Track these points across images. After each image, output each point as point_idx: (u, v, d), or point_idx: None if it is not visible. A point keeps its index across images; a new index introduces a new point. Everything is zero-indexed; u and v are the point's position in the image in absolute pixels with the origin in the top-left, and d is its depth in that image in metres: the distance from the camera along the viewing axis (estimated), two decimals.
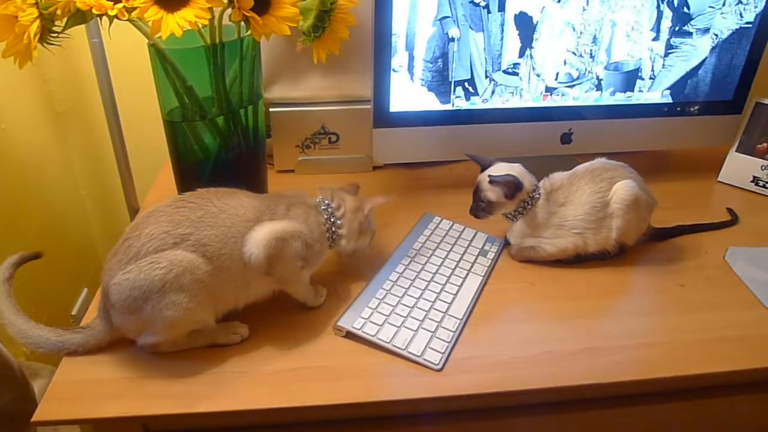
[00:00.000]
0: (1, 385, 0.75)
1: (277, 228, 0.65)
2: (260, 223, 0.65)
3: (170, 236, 0.61)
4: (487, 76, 0.91)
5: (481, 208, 0.80)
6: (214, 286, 0.62)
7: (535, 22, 0.89)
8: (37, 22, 0.63)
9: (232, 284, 0.64)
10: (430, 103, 0.92)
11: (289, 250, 0.66)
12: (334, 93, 1.00)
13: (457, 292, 0.75)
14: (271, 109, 0.99)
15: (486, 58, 0.90)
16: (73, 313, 1.18)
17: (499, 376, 0.64)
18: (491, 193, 0.78)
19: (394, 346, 0.66)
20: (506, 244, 0.85)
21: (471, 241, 0.85)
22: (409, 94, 0.90)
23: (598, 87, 0.95)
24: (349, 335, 0.68)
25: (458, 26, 0.87)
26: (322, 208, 0.72)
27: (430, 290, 0.75)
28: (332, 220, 0.72)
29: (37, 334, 0.64)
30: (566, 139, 0.98)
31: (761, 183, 1.00)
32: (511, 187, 0.77)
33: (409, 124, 0.92)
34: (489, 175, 0.77)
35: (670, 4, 0.90)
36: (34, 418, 0.58)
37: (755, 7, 0.92)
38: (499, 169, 0.79)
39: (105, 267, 0.62)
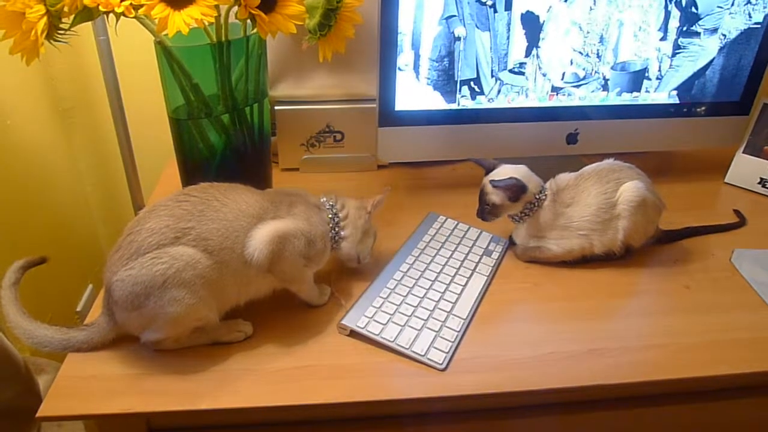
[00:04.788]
0: (6, 380, 0.76)
1: (279, 227, 0.65)
2: (262, 221, 0.65)
3: (171, 230, 0.61)
4: (493, 76, 0.91)
5: (487, 211, 0.79)
6: (216, 282, 0.62)
7: (541, 21, 0.88)
8: (45, 19, 0.63)
9: (233, 280, 0.64)
10: (435, 102, 0.92)
11: (291, 248, 0.66)
12: (339, 91, 1.00)
13: (462, 291, 0.75)
14: (276, 108, 0.99)
15: (492, 58, 0.90)
16: (78, 309, 1.19)
17: (502, 377, 0.64)
18: (495, 197, 0.78)
19: (398, 345, 0.66)
20: (511, 243, 0.85)
21: (475, 240, 0.85)
22: (414, 93, 0.90)
23: (605, 87, 0.95)
24: (353, 334, 0.68)
25: (464, 25, 0.86)
26: (327, 207, 0.73)
27: (435, 290, 0.75)
28: (336, 220, 0.72)
29: (42, 334, 0.64)
30: (572, 139, 0.98)
31: None
32: (515, 190, 0.77)
33: (414, 123, 0.92)
34: (491, 180, 0.77)
35: (678, 4, 0.90)
36: (38, 414, 0.58)
37: (764, 7, 0.92)
38: (503, 172, 0.79)
39: (107, 263, 0.63)
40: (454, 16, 0.86)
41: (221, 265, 0.62)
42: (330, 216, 0.72)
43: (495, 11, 0.86)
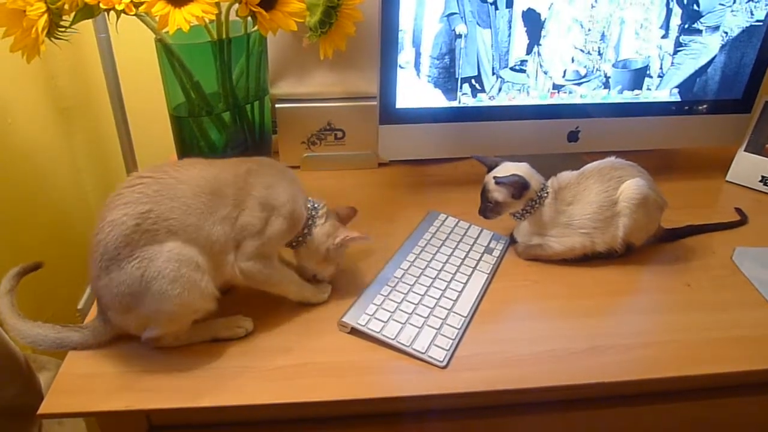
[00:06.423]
0: (7, 378, 0.76)
1: (259, 252, 0.65)
2: (224, 205, 0.63)
3: (130, 217, 0.59)
4: (494, 73, 0.91)
5: (489, 209, 0.79)
6: (192, 261, 0.60)
7: (543, 18, 0.88)
8: (45, 16, 0.63)
9: (206, 258, 0.62)
10: (436, 99, 0.91)
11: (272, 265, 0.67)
12: (340, 89, 1.00)
13: (462, 289, 0.75)
14: (277, 105, 0.99)
15: (493, 55, 0.90)
16: (79, 307, 1.19)
17: (503, 374, 0.64)
18: (498, 194, 0.78)
19: (399, 342, 0.66)
20: (512, 241, 0.85)
21: (476, 238, 0.85)
22: (415, 90, 0.90)
23: (606, 85, 0.95)
24: (354, 331, 0.68)
25: (465, 22, 0.86)
26: (309, 206, 0.71)
27: (435, 287, 0.75)
28: (309, 222, 0.70)
29: (36, 333, 0.64)
30: (573, 137, 0.98)
31: None
32: (518, 187, 0.77)
33: (415, 121, 0.92)
34: (494, 177, 0.77)
35: (680, 2, 0.89)
36: (39, 411, 0.58)
37: (766, 5, 0.91)
38: (506, 169, 0.78)
39: (89, 269, 0.62)
40: (455, 13, 0.85)
41: (190, 243, 0.60)
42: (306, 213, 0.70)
43: (496, 8, 0.86)
